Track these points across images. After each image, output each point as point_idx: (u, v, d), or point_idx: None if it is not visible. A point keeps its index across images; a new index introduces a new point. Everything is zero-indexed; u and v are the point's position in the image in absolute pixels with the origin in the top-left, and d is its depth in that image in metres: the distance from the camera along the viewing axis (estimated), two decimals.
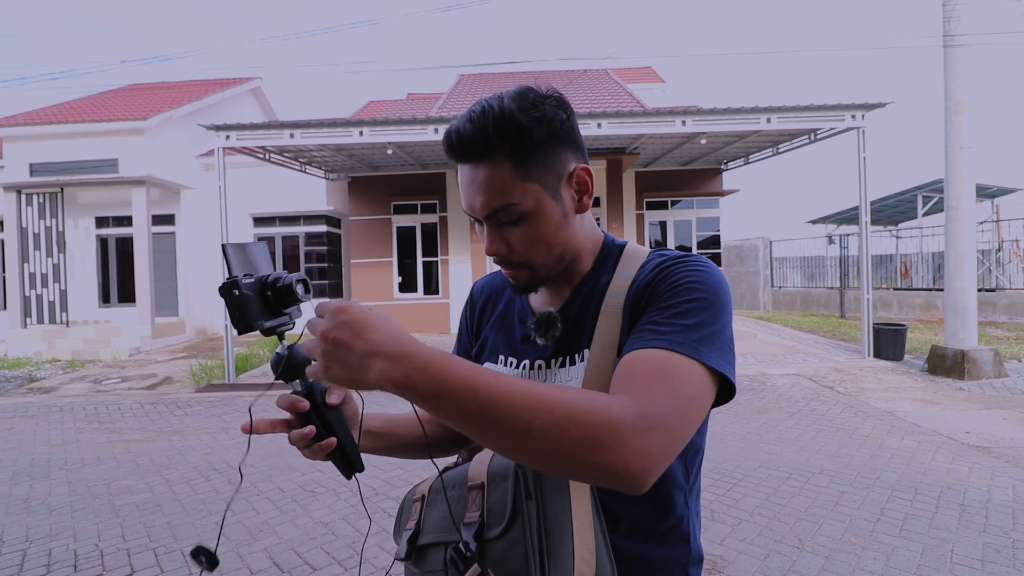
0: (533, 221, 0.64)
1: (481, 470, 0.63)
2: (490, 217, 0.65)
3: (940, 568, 2.37)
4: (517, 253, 0.66)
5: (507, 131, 0.61)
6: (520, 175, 0.62)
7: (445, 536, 0.63)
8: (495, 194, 0.63)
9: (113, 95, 13.67)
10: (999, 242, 11.19)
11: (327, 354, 0.49)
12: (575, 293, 0.72)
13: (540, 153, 0.63)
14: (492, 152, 0.62)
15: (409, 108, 14.04)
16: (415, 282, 11.40)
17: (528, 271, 0.68)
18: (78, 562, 2.65)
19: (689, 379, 0.54)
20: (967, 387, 5.74)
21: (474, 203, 0.65)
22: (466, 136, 0.62)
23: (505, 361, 0.74)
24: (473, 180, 0.64)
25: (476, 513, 0.60)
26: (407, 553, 0.66)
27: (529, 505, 0.57)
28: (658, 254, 0.69)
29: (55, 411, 5.92)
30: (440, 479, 0.69)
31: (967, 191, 6.40)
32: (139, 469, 3.98)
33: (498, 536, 0.58)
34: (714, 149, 9.97)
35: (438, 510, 0.66)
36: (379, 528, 2.90)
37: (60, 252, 10.32)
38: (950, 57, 6.42)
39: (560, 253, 0.68)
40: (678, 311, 0.59)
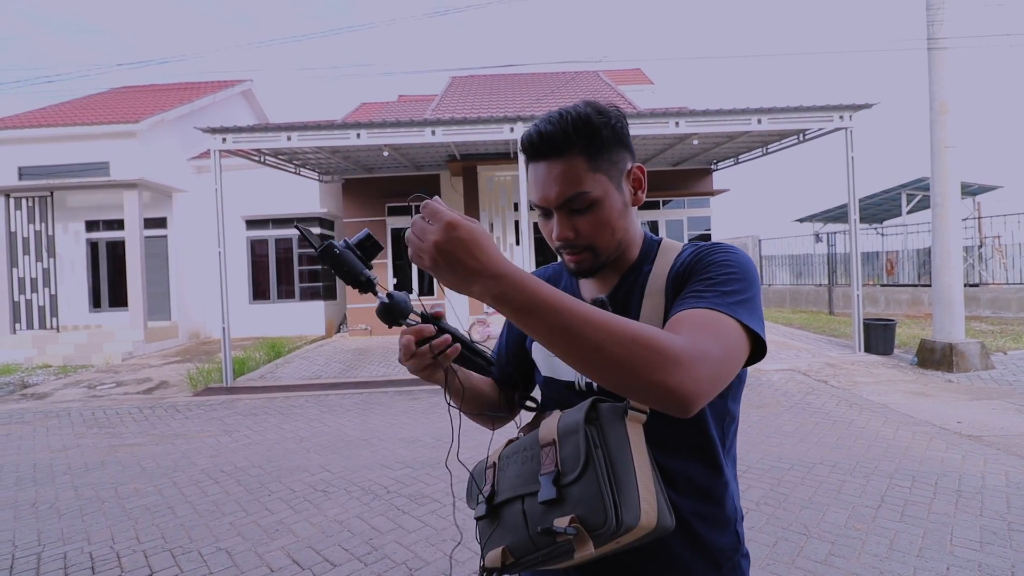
0: (600, 208, 0.74)
1: (551, 430, 0.70)
2: (564, 204, 0.74)
3: (941, 550, 2.47)
4: (584, 238, 0.75)
5: (584, 130, 0.72)
6: (592, 168, 0.73)
7: (521, 490, 0.70)
8: (570, 184, 0.72)
9: (104, 98, 13.50)
10: (981, 238, 11.48)
11: (437, 264, 0.56)
12: (622, 281, 0.82)
13: (607, 151, 0.74)
14: (570, 148, 0.72)
15: (401, 110, 14.04)
16: (410, 283, 11.41)
17: (591, 255, 0.77)
18: (95, 564, 2.65)
19: (728, 331, 0.63)
20: (956, 379, 5.91)
21: (549, 193, 0.73)
22: (548, 134, 0.72)
23: None
24: (550, 173, 0.73)
25: (551, 465, 0.68)
26: (486, 512, 0.73)
27: (597, 453, 0.65)
28: (692, 244, 0.80)
29: (51, 416, 5.86)
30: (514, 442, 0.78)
31: (952, 189, 6.58)
32: (145, 472, 3.97)
33: (575, 480, 0.65)
34: (705, 149, 10.12)
35: (512, 470, 0.74)
36: (395, 525, 2.93)
37: (50, 256, 10.18)
38: (934, 59, 6.60)
39: (620, 239, 0.77)
40: (716, 281, 0.68)
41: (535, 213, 0.81)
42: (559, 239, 0.76)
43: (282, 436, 4.77)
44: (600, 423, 0.68)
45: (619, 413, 0.69)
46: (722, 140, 9.38)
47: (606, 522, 0.61)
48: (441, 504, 3.18)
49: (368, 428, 4.93)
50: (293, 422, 5.24)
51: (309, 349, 9.68)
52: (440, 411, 5.42)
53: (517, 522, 0.69)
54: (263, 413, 5.66)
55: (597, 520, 0.61)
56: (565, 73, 13.62)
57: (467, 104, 11.17)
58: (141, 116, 10.79)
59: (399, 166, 10.80)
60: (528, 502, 0.68)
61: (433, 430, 4.73)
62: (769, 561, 2.43)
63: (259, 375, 7.59)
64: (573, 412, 0.71)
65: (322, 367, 7.99)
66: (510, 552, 0.69)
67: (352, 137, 7.59)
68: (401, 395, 6.26)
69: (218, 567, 2.58)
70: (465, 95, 12.15)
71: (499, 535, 0.71)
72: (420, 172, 11.25)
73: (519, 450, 0.75)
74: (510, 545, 0.69)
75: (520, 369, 0.94)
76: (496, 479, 0.75)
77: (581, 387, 0.80)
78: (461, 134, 7.70)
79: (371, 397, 6.22)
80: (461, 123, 7.66)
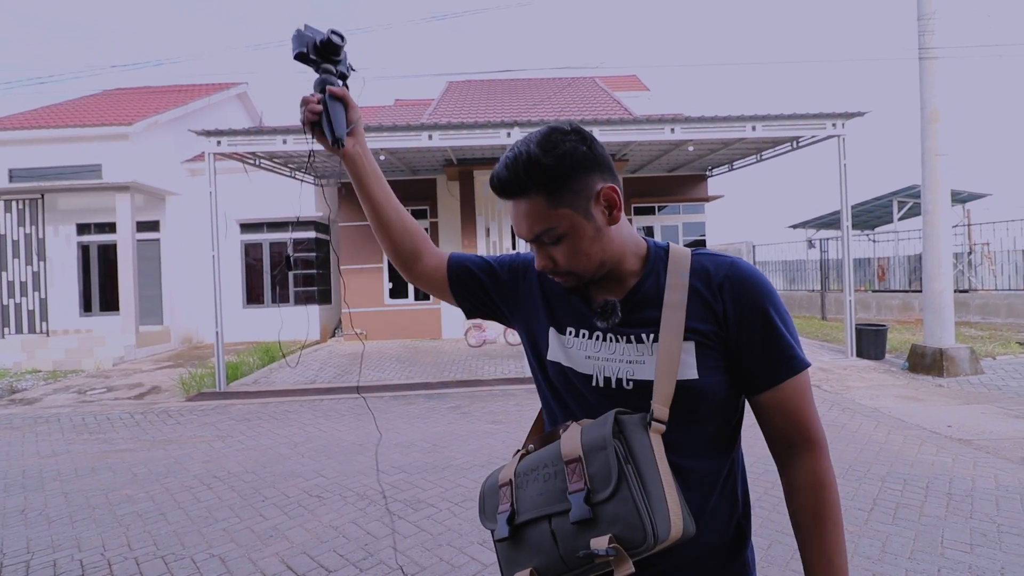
0: (570, 239, 0.76)
1: (575, 446, 0.69)
2: (535, 240, 0.78)
3: (932, 552, 2.49)
4: (562, 265, 0.79)
5: (534, 173, 0.74)
6: (552, 204, 0.75)
7: (547, 509, 0.68)
8: (536, 222, 0.76)
9: (97, 100, 13.43)
10: (971, 245, 11.63)
11: None
12: (635, 288, 0.81)
13: (567, 183, 0.74)
14: (526, 190, 0.75)
15: (398, 114, 14.06)
16: (406, 288, 11.39)
17: (574, 277, 0.80)
18: (86, 571, 2.62)
19: (808, 383, 0.78)
20: (946, 384, 5.97)
21: (521, 229, 0.79)
22: (504, 180, 0.76)
23: (577, 333, 0.83)
24: (517, 212, 0.78)
25: (580, 483, 0.66)
26: (508, 533, 0.71)
27: (628, 468, 0.65)
28: (705, 256, 0.81)
29: (40, 422, 5.79)
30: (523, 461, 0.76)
31: (943, 196, 6.67)
32: (137, 479, 3.93)
33: (608, 497, 0.64)
34: (700, 156, 10.20)
35: (533, 488, 0.71)
36: (389, 531, 2.92)
37: (40, 260, 10.07)
38: (925, 69, 6.70)
39: (600, 260, 0.79)
40: (778, 335, 0.76)
41: None
42: (539, 269, 0.81)
43: (276, 441, 4.74)
44: (625, 436, 0.68)
45: (642, 424, 0.69)
46: (717, 146, 9.46)
47: (645, 540, 0.61)
48: (437, 509, 3.17)
49: (363, 433, 4.91)
50: (287, 427, 5.21)
51: (303, 354, 9.63)
52: (436, 416, 5.41)
53: (545, 543, 0.67)
54: (257, 418, 5.62)
55: (636, 538, 0.61)
56: (562, 79, 13.70)
57: (464, 109, 11.21)
58: (134, 118, 10.73)
59: (396, 170, 10.80)
60: (557, 522, 0.67)
61: (429, 435, 4.72)
62: (764, 564, 2.44)
63: (252, 380, 7.55)
64: (597, 426, 0.70)
65: (316, 372, 7.95)
66: (539, 574, 0.67)
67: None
68: (396, 400, 6.24)
69: (211, 574, 2.56)
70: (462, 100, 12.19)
71: (525, 557, 0.69)
72: (417, 176, 11.26)
73: (538, 466, 0.72)
74: (539, 567, 0.67)
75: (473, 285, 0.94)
76: (515, 497, 0.73)
77: (599, 382, 0.79)
78: (458, 139, 7.72)
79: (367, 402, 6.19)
80: (458, 128, 7.69)
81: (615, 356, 0.78)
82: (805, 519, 0.76)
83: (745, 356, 0.76)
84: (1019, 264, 10.46)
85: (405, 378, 7.35)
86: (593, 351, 0.80)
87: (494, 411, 5.51)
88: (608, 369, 0.78)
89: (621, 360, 0.77)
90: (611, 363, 0.78)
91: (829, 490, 0.75)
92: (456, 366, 8.01)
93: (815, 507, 0.75)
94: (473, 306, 0.95)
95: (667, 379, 0.72)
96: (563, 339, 0.84)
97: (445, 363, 8.27)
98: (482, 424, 5.01)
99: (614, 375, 0.77)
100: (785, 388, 0.76)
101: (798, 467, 0.77)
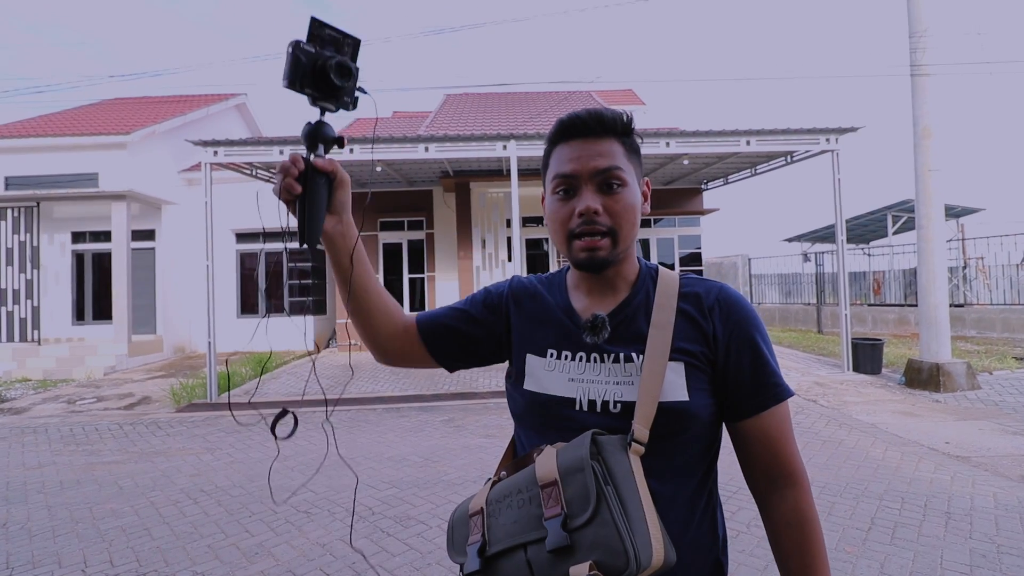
0: (628, 192, 0.76)
1: (550, 469, 0.65)
2: (598, 175, 0.75)
3: (931, 573, 2.45)
4: (607, 217, 0.75)
5: (625, 125, 0.79)
6: (626, 155, 0.78)
7: (521, 538, 0.64)
8: (610, 158, 0.76)
9: (94, 109, 13.46)
10: (965, 259, 11.68)
11: None
12: (625, 303, 0.79)
13: (634, 154, 0.80)
14: (613, 132, 0.78)
15: (395, 126, 14.13)
16: (402, 298, 11.35)
17: (611, 241, 0.76)
18: None
19: (790, 415, 0.78)
20: (943, 399, 5.94)
21: (586, 163, 0.75)
22: (597, 115, 0.77)
23: (559, 355, 0.79)
24: (590, 148, 0.76)
25: (556, 507, 0.62)
26: (479, 567, 0.66)
27: (608, 490, 0.61)
28: (692, 280, 0.81)
29: (28, 432, 5.70)
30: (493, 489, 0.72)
31: (936, 211, 6.70)
32: (122, 492, 3.85)
33: (587, 522, 0.60)
34: (695, 169, 10.26)
35: (506, 516, 0.67)
36: (379, 548, 2.86)
37: (34, 268, 10.00)
38: (917, 85, 6.78)
39: (633, 236, 0.78)
40: (763, 362, 0.76)
41: (528, 229, 0.81)
42: (584, 212, 0.74)
43: (266, 455, 4.67)
44: (603, 457, 0.64)
45: (621, 445, 0.66)
46: (712, 160, 9.51)
47: (628, 566, 0.57)
48: (427, 527, 3.11)
49: (354, 446, 4.84)
50: None
51: (297, 364, 9.55)
52: (429, 428, 5.35)
53: (520, 575, 0.63)
54: (247, 430, 5.54)
55: (618, 564, 0.58)
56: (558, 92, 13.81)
57: (461, 121, 11.27)
58: (132, 127, 10.74)
59: (392, 182, 10.82)
60: (532, 551, 0.63)
61: (421, 448, 4.65)
62: None
63: (244, 391, 7.46)
64: (573, 447, 0.66)
65: (310, 384, 7.87)
66: None
67: (345, 152, 7.60)
68: (389, 412, 6.17)
69: None
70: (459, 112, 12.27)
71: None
72: (413, 188, 11.28)
73: (511, 492, 0.68)
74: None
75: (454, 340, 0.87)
76: (486, 526, 0.68)
77: (583, 405, 0.74)
78: (455, 151, 7.74)
79: (358, 414, 6.13)
80: (455, 140, 7.71)
81: (600, 378, 0.75)
82: (793, 560, 0.74)
83: (732, 380, 0.75)
84: (1014, 278, 10.50)
85: (399, 390, 7.29)
86: (576, 373, 0.76)
87: (487, 424, 5.45)
88: (593, 391, 0.74)
89: (607, 382, 0.74)
90: (596, 385, 0.75)
91: (813, 526, 0.74)
92: (450, 378, 7.95)
93: (802, 546, 0.74)
94: (456, 360, 0.89)
95: (649, 399, 0.69)
96: (543, 362, 0.79)
97: (439, 375, 8.21)
98: (475, 438, 4.95)
99: (599, 397, 0.74)
100: (769, 417, 0.75)
101: (780, 504, 0.75)
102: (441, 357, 0.88)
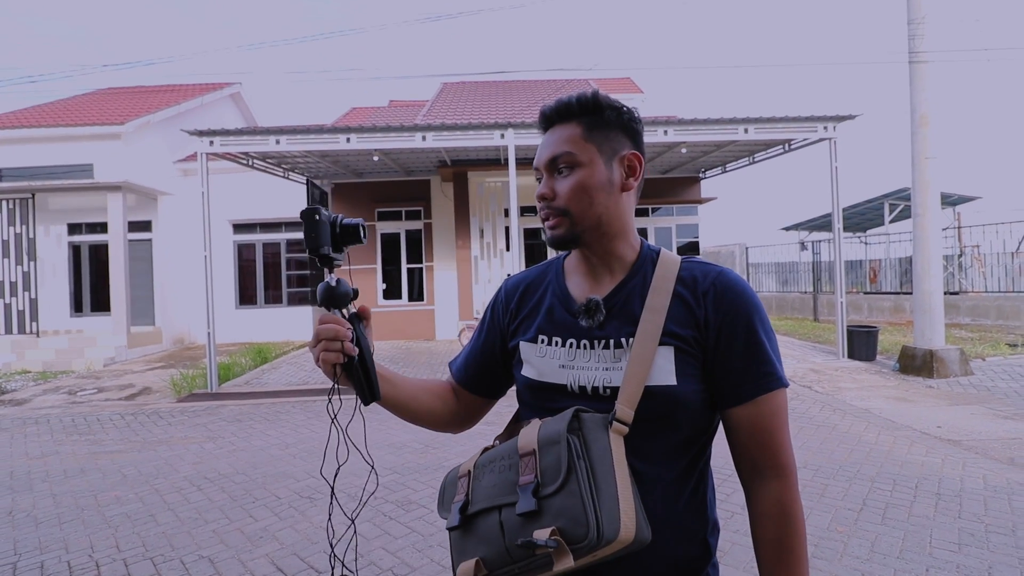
0: (582, 174, 0.77)
1: (531, 440, 0.70)
2: (550, 163, 0.79)
3: (921, 552, 2.51)
4: (561, 199, 0.78)
5: (586, 104, 0.79)
6: (585, 136, 0.78)
7: (496, 500, 0.69)
8: (561, 144, 0.78)
9: (88, 99, 13.33)
10: (961, 248, 11.74)
11: None
12: (620, 286, 0.80)
13: (604, 128, 0.79)
14: (570, 117, 0.79)
15: (391, 115, 14.04)
16: (399, 289, 11.37)
17: (568, 221, 0.78)
18: (74, 573, 2.60)
19: (785, 406, 0.76)
20: (936, 385, 6.02)
21: (541, 155, 0.80)
22: (556, 104, 0.81)
23: (550, 341, 0.81)
24: (549, 138, 0.80)
25: (531, 475, 0.67)
26: (459, 522, 0.72)
27: (580, 464, 0.65)
28: (694, 263, 0.80)
29: (30, 423, 5.73)
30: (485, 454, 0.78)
31: (933, 199, 6.73)
32: (126, 480, 3.90)
33: (556, 491, 0.64)
34: (693, 158, 10.25)
35: (487, 480, 0.72)
36: (381, 531, 2.92)
37: (30, 260, 9.97)
38: (915, 73, 6.77)
39: (599, 215, 0.78)
40: (759, 349, 0.75)
41: (526, 218, 0.84)
42: (537, 197, 0.80)
43: (267, 442, 4.72)
44: (583, 433, 0.68)
45: (603, 424, 0.69)
46: (710, 149, 9.51)
47: (587, 535, 0.61)
48: (428, 510, 3.16)
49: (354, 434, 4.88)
50: (279, 428, 5.19)
51: (296, 355, 9.59)
52: None
53: (493, 534, 0.68)
54: (248, 419, 5.59)
55: (578, 533, 0.61)
56: (556, 80, 13.74)
57: (458, 110, 11.21)
58: (126, 118, 10.67)
59: (389, 171, 10.79)
60: (505, 513, 0.67)
61: (421, 436, 4.71)
62: (751, 564, 2.44)
63: (244, 380, 7.50)
64: (555, 421, 0.70)
65: (308, 373, 7.92)
66: (484, 564, 0.68)
67: (342, 141, 7.58)
68: None
69: (200, 575, 2.54)
70: (456, 101, 12.20)
71: (473, 547, 0.70)
72: (410, 177, 11.25)
73: (495, 459, 0.73)
74: (484, 557, 0.68)
75: (489, 375, 0.94)
76: (471, 488, 0.73)
77: (575, 390, 0.77)
78: (452, 140, 7.72)
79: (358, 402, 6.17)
80: (452, 129, 7.69)
81: (590, 364, 0.77)
82: (767, 550, 0.74)
83: (721, 365, 0.74)
84: (1009, 266, 10.57)
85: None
86: (567, 359, 0.79)
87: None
88: (584, 377, 0.76)
89: (597, 368, 0.76)
90: (586, 371, 0.77)
91: (794, 521, 0.73)
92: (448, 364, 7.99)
93: (778, 538, 0.73)
94: (505, 384, 0.96)
95: (634, 382, 0.71)
96: (535, 348, 0.82)
97: (438, 364, 8.26)
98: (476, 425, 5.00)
99: (589, 383, 0.76)
100: (759, 405, 0.74)
101: (764, 495, 0.75)
102: (494, 393, 0.97)
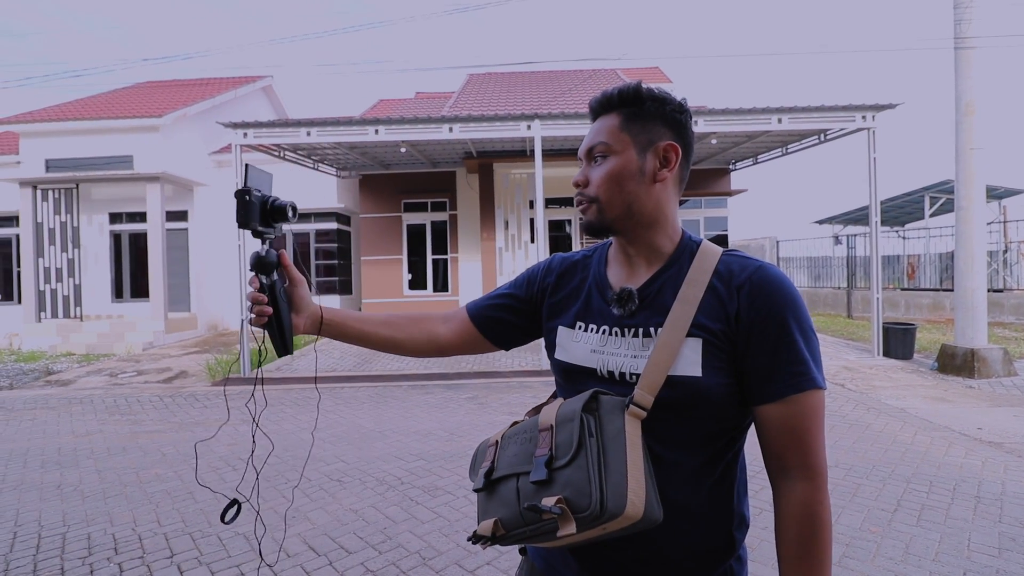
0: (613, 163, 0.80)
1: (550, 417, 0.75)
2: (588, 152, 0.83)
3: (958, 555, 2.44)
4: (592, 187, 0.81)
5: (627, 96, 0.81)
6: (622, 127, 0.80)
7: (516, 468, 0.75)
8: (599, 135, 0.82)
9: (127, 92, 13.79)
10: (1006, 243, 11.21)
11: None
12: (655, 277, 0.81)
13: (642, 119, 0.80)
14: (611, 109, 0.82)
15: (418, 107, 14.11)
16: (425, 280, 11.49)
17: (596, 208, 0.81)
18: (118, 545, 2.74)
19: (821, 409, 0.73)
20: (977, 385, 5.79)
21: (584, 144, 0.84)
22: (600, 96, 0.84)
23: (585, 327, 0.85)
24: (592, 129, 0.84)
25: (546, 448, 0.72)
26: (483, 485, 0.78)
27: (591, 441, 0.69)
28: (733, 257, 0.79)
29: (75, 403, 6.02)
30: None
31: (977, 192, 6.44)
32: (166, 459, 4.07)
33: (566, 464, 0.69)
34: (723, 149, 10.03)
35: (511, 450, 0.78)
36: (408, 515, 2.98)
37: (74, 247, 10.44)
38: (961, 59, 6.46)
39: (628, 204, 0.80)
40: (787, 349, 0.72)
41: (551, 210, 0.86)
42: (573, 184, 0.84)
43: (298, 427, 4.85)
44: (599, 414, 0.72)
45: (619, 407, 0.71)
46: (741, 139, 9.28)
47: (590, 506, 0.64)
48: (454, 496, 3.21)
49: (382, 420, 4.99)
50: (308, 413, 5.32)
51: (324, 343, 9.81)
52: (453, 405, 5.47)
53: (510, 498, 0.73)
54: (279, 404, 5.75)
55: (582, 503, 0.65)
56: (583, 71, 13.57)
57: (484, 101, 11.20)
58: (164, 111, 11.00)
59: (416, 162, 10.87)
60: (522, 480, 0.73)
61: (447, 424, 4.77)
62: None
63: (276, 367, 7.71)
64: (574, 401, 0.74)
65: (337, 360, 8.09)
66: (501, 524, 0.73)
67: (370, 133, 7.66)
68: (415, 389, 6.31)
69: (236, 551, 2.64)
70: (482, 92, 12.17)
71: (494, 508, 0.76)
72: (436, 169, 11.31)
73: (520, 432, 0.79)
74: (502, 518, 0.73)
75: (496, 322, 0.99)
76: (496, 457, 0.80)
77: (604, 374, 0.80)
78: (478, 131, 7.72)
79: (385, 390, 6.29)
80: (478, 120, 7.69)
81: (620, 351, 0.79)
82: (789, 551, 0.73)
83: (750, 362, 0.73)
84: None
85: (423, 368, 7.43)
86: (598, 345, 0.82)
87: (511, 402, 5.54)
88: (612, 363, 0.79)
89: (626, 355, 0.78)
90: (615, 357, 0.79)
91: (819, 524, 0.72)
92: (473, 357, 8.06)
93: (800, 540, 0.72)
94: (510, 338, 1.00)
95: (656, 369, 0.72)
96: (572, 333, 0.86)
97: None
98: (499, 415, 5.05)
99: (617, 369, 0.78)
100: (788, 404, 0.72)
101: (790, 495, 0.74)
102: (496, 340, 1.00)
